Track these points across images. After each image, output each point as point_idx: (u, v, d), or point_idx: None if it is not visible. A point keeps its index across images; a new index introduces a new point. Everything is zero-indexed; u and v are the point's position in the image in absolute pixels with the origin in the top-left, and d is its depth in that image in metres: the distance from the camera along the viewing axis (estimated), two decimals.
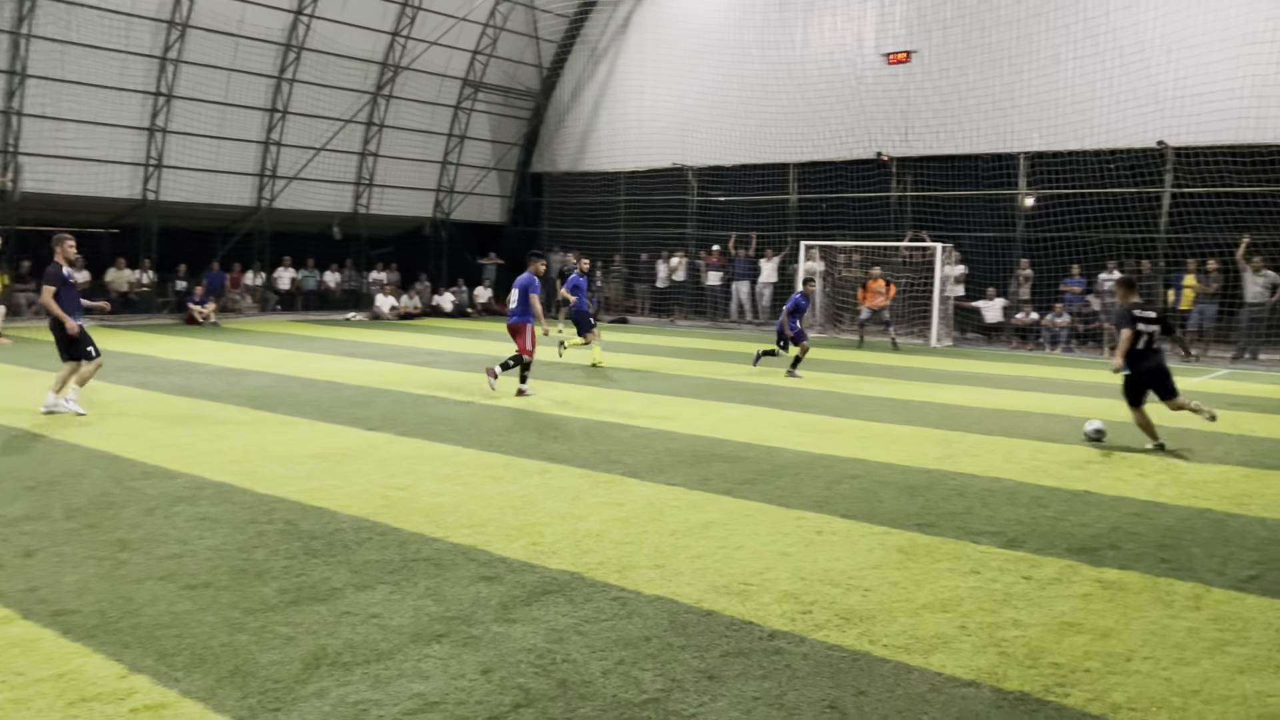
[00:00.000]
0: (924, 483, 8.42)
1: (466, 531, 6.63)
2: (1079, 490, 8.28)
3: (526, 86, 32.12)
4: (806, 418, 11.76)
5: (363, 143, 29.05)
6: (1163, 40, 21.21)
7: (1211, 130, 20.67)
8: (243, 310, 27.04)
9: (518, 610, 5.20)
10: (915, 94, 24.80)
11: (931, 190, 24.68)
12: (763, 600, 5.45)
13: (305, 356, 17.42)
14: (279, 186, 27.34)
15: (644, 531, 6.74)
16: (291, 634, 4.81)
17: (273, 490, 7.64)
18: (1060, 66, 22.62)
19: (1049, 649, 4.84)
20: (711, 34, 28.26)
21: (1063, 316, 22.50)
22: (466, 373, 15.52)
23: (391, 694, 4.19)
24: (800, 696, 4.26)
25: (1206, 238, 20.76)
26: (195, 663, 4.46)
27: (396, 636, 4.81)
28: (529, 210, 33.29)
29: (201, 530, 6.53)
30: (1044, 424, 11.72)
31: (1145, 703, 4.27)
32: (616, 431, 10.51)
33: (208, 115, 25.60)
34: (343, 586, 5.51)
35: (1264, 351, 20.66)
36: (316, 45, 26.69)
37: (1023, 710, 4.19)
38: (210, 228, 27.23)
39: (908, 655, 4.74)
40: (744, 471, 8.68)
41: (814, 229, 26.41)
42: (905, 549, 6.47)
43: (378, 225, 30.41)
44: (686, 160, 28.91)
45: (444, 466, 8.64)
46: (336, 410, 11.52)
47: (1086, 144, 22.33)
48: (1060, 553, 6.46)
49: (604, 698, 4.20)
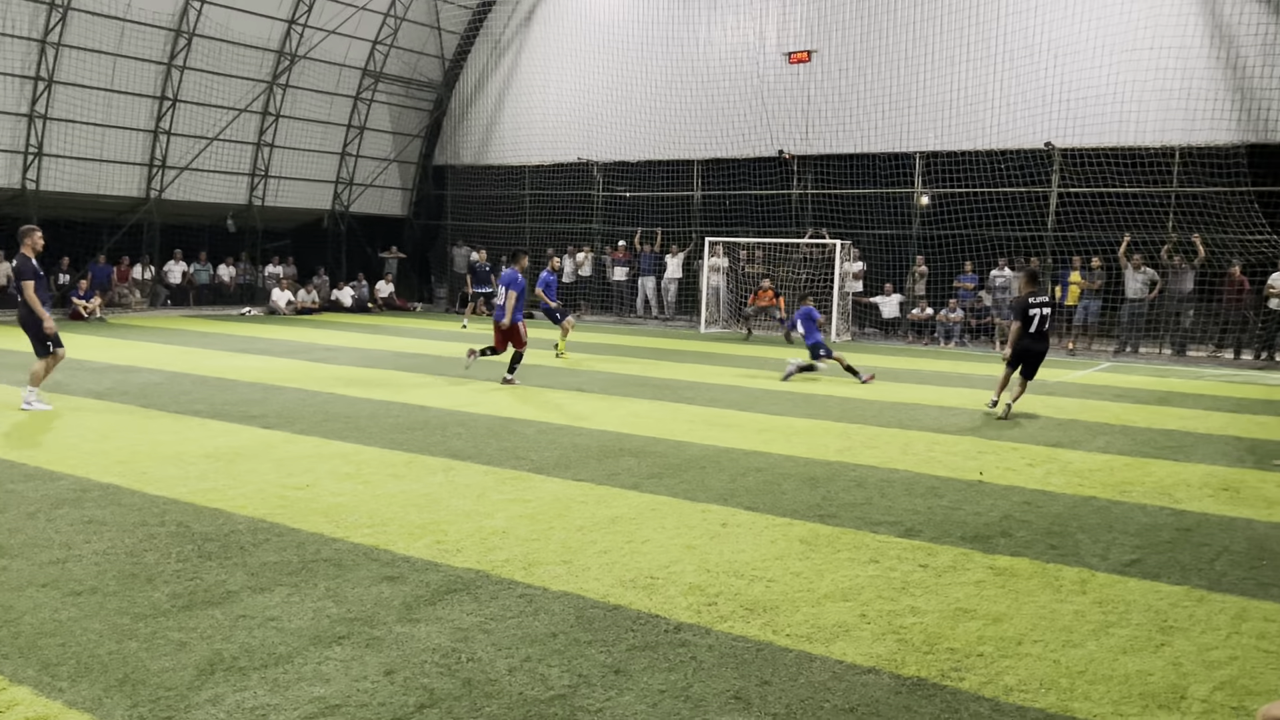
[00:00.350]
0: (825, 474, 8.59)
1: (368, 531, 6.51)
2: (972, 480, 8.54)
3: (428, 78, 31.65)
4: (712, 412, 11.87)
5: (258, 133, 28.24)
6: (1050, 46, 22.02)
7: (1095, 132, 21.57)
8: (131, 305, 26.04)
9: (421, 610, 5.13)
10: (815, 93, 25.24)
11: (831, 188, 25.16)
12: (669, 593, 5.48)
13: (197, 353, 16.87)
14: (170, 177, 26.40)
15: (550, 528, 6.72)
16: (184, 639, 4.65)
17: (164, 491, 7.38)
18: (954, 69, 23.29)
19: (945, 635, 4.99)
20: (616, 30, 28.29)
21: (956, 312, 23.18)
22: (367, 369, 15.23)
23: (291, 698, 4.09)
24: (706, 688, 4.30)
25: (1091, 236, 21.66)
26: (81, 672, 4.28)
27: (296, 639, 4.70)
28: (431, 203, 32.83)
29: (87, 534, 6.27)
30: (939, 416, 12.06)
31: (1035, 684, 4.43)
32: (522, 427, 10.45)
33: (92, 102, 24.54)
34: (239, 589, 5.35)
35: (1144, 345, 21.65)
36: (208, 32, 25.82)
37: (920, 695, 4.31)
38: (96, 219, 26.15)
39: (810, 644, 4.82)
40: (651, 466, 8.72)
41: (718, 225, 26.69)
42: (807, 540, 6.58)
43: (274, 218, 29.61)
44: (592, 155, 28.89)
45: (344, 465, 8.46)
46: (230, 408, 11.19)
47: (979, 144, 23.05)
48: (955, 541, 6.66)
49: (510, 695, 4.17)
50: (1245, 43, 20.10)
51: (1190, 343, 21.23)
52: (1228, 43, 20.33)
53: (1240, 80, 20.24)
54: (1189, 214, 20.74)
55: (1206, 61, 20.47)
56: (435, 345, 19.38)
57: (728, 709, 4.12)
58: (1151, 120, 20.97)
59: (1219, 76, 20.40)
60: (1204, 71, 20.46)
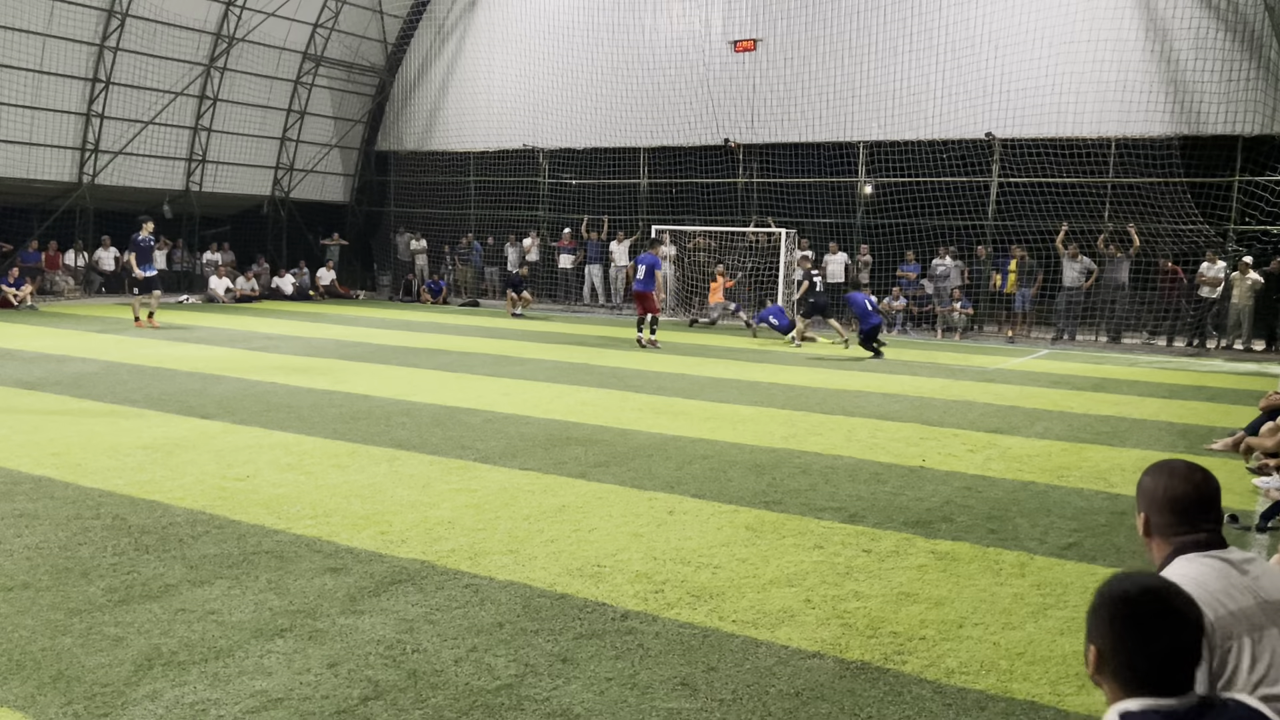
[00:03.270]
0: (770, 461, 8.65)
1: (310, 522, 6.43)
2: (914, 466, 8.67)
3: (371, 62, 31.18)
4: (659, 400, 11.90)
5: (195, 117, 27.61)
6: (990, 37, 22.33)
7: (1034, 123, 21.94)
8: (64, 293, 25.36)
9: (366, 601, 5.07)
10: (761, 82, 25.33)
11: (777, 177, 25.30)
12: (616, 581, 5.49)
13: (133, 342, 16.49)
14: (103, 161, 25.72)
15: (497, 517, 6.69)
16: (121, 634, 4.55)
17: (99, 483, 7.21)
18: (897, 59, 23.51)
19: (888, 619, 5.06)
20: (561, 15, 28.11)
21: (899, 300, 23.47)
22: (309, 358, 15.01)
23: (231, 692, 4.03)
24: (653, 675, 4.32)
25: (1030, 225, 22.05)
26: (13, 669, 4.17)
27: (236, 633, 4.62)
28: (374, 189, 32.40)
29: (18, 528, 6.10)
30: (882, 403, 12.21)
31: (976, 666, 4.51)
32: (468, 417, 10.38)
33: (20, 83, 23.78)
34: (177, 583, 5.25)
35: (1081, 333, 22.12)
36: (142, 12, 25.13)
37: (864, 679, 4.37)
38: (26, 204, 25.39)
39: (755, 630, 4.86)
40: (598, 454, 8.72)
41: (665, 213, 26.69)
42: (753, 526, 6.63)
43: (212, 204, 29.00)
44: (537, 142, 28.71)
45: (285, 455, 8.34)
46: (168, 398, 10.96)
47: (921, 134, 23.32)
48: (898, 526, 6.76)
49: (456, 686, 4.15)
50: (1178, 36, 20.58)
51: (1125, 330, 21.74)
52: (1162, 36, 20.79)
53: (1173, 73, 20.72)
54: (1124, 204, 21.22)
55: (1141, 54, 20.91)
56: (379, 334, 19.16)
57: (675, 695, 4.14)
58: (1088, 112, 21.38)
59: (1153, 69, 20.86)
60: (1139, 64, 20.90)
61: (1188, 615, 2.10)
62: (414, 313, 25.03)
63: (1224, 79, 20.10)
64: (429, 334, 19.43)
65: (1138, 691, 2.10)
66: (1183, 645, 2.09)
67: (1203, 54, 20.33)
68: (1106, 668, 2.15)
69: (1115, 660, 2.12)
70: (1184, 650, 2.09)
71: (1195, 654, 2.11)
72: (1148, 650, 2.09)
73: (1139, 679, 2.10)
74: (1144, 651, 2.09)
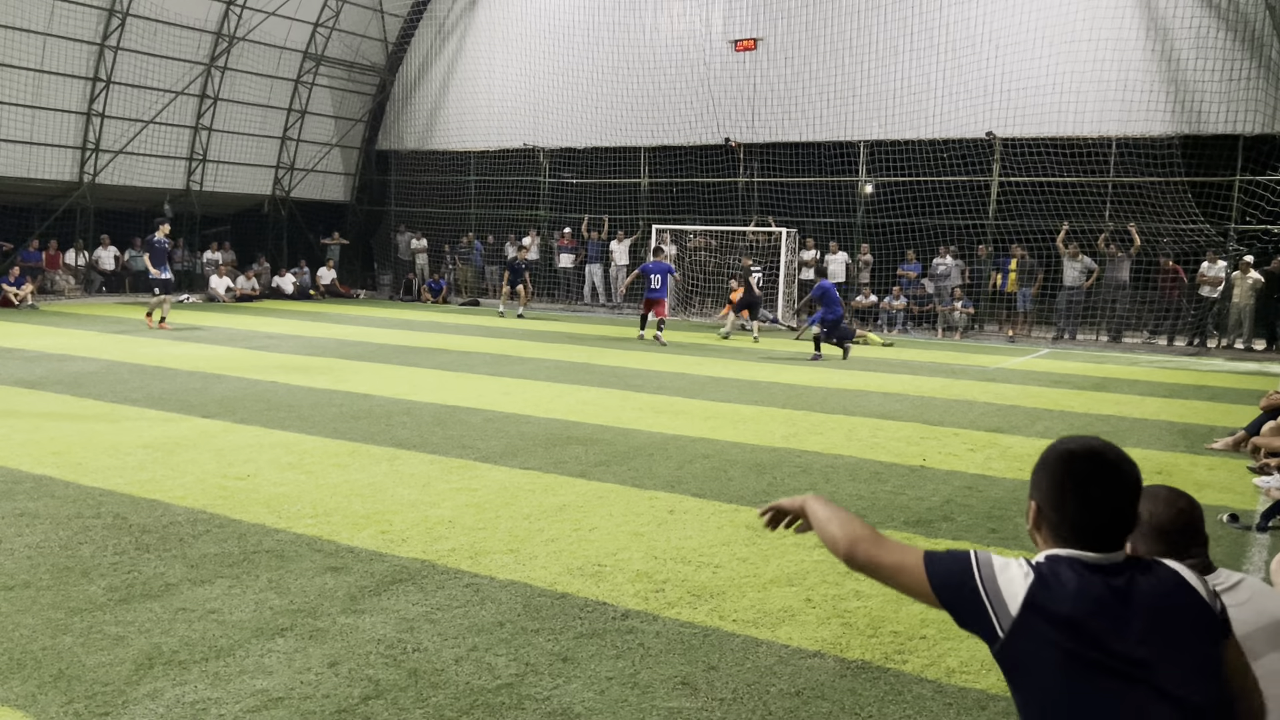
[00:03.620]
0: (771, 461, 8.65)
1: (311, 521, 6.43)
2: (915, 465, 8.66)
3: (371, 61, 31.18)
4: (659, 399, 11.89)
5: (196, 116, 27.61)
6: (991, 36, 22.32)
7: (1035, 122, 21.92)
8: (65, 292, 25.36)
9: (366, 601, 5.07)
10: (761, 82, 25.32)
11: (777, 176, 25.29)
12: (616, 581, 5.48)
13: (134, 341, 16.50)
14: (104, 161, 25.72)
15: (497, 517, 6.69)
16: (122, 634, 4.55)
17: (99, 482, 7.21)
18: (898, 58, 23.50)
19: (889, 618, 5.05)
20: (562, 15, 28.11)
21: (899, 299, 23.47)
22: (310, 357, 15.01)
23: (232, 691, 4.03)
24: (653, 674, 4.32)
25: (1031, 225, 22.04)
26: (13, 668, 4.17)
27: (237, 632, 4.62)
28: (375, 189, 32.40)
29: (19, 527, 6.10)
30: (883, 402, 12.21)
31: (976, 666, 4.51)
32: (468, 416, 10.38)
33: (20, 82, 23.78)
34: (178, 582, 5.25)
35: (1081, 332, 22.11)
36: (143, 11, 25.13)
37: (864, 678, 4.36)
38: (26, 203, 25.39)
39: (756, 629, 4.86)
40: (598, 454, 8.72)
41: (665, 213, 26.69)
42: (754, 525, 6.63)
43: (213, 203, 29.00)
44: (538, 141, 28.70)
45: (286, 455, 8.34)
46: (169, 397, 10.96)
47: (922, 134, 23.31)
48: (898, 525, 6.75)
49: (456, 685, 4.15)
50: (1179, 35, 20.57)
51: (1126, 329, 21.73)
52: (1162, 35, 20.78)
53: (1174, 72, 20.71)
54: (1125, 203, 21.21)
55: (1142, 54, 20.91)
56: (379, 333, 19.15)
57: (675, 694, 4.14)
58: (1089, 111, 21.37)
59: (1154, 69, 20.85)
60: (1140, 64, 20.90)
61: (1127, 476, 2.17)
62: (414, 312, 25.03)
63: (1225, 78, 20.09)
64: (429, 333, 19.44)
65: (1070, 544, 2.17)
66: (1119, 505, 2.17)
67: (1204, 53, 20.32)
68: (1044, 522, 2.23)
69: (1054, 514, 2.19)
70: (1119, 510, 2.17)
71: (1130, 516, 2.18)
72: (1084, 505, 2.16)
73: (1074, 532, 2.17)
74: (1080, 506, 2.16)
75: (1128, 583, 2.12)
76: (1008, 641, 2.11)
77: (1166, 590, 2.14)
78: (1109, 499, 2.16)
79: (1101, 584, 2.10)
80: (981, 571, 2.17)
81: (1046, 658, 2.06)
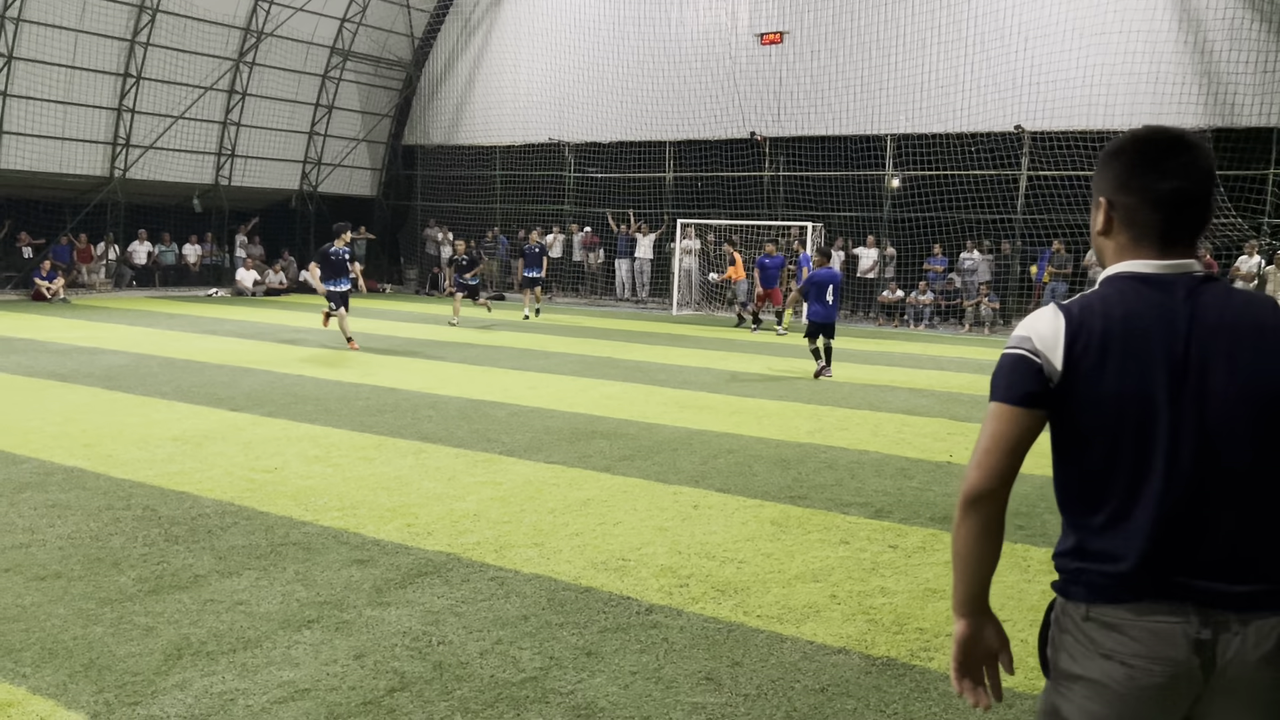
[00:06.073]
0: (796, 456, 8.62)
1: (337, 514, 6.47)
2: (941, 461, 8.61)
3: (398, 56, 31.30)
4: (683, 394, 11.88)
5: (224, 111, 27.83)
6: (1020, 29, 22.10)
7: (1064, 116, 21.70)
8: (95, 286, 25.66)
9: (392, 593, 5.10)
10: (787, 75, 25.20)
11: (803, 170, 25.17)
12: (640, 575, 5.48)
13: (163, 334, 16.66)
14: (134, 156, 25.98)
15: (522, 510, 6.70)
16: (151, 624, 4.60)
17: (129, 475, 7.29)
18: (925, 51, 23.32)
19: (915, 615, 5.02)
20: (587, 9, 28.08)
21: (926, 294, 23.32)
22: (336, 351, 15.11)
23: (259, 682, 4.06)
24: (677, 669, 4.31)
25: (1060, 219, 21.82)
26: (45, 657, 4.22)
27: (264, 624, 4.66)
28: (401, 184, 32.54)
29: (51, 518, 6.18)
30: (909, 398, 12.14)
31: None
32: (493, 410, 10.41)
33: (54, 79, 24.05)
34: (206, 573, 5.30)
35: None
36: (172, 8, 25.36)
37: (889, 675, 4.34)
38: (59, 199, 25.69)
39: (780, 625, 4.85)
40: (622, 448, 8.72)
41: (689, 207, 26.64)
42: (778, 521, 6.61)
43: (241, 198, 29.23)
44: (563, 136, 28.72)
45: (313, 447, 8.40)
46: (197, 390, 11.06)
47: (949, 127, 23.12)
48: (925, 522, 6.71)
49: (481, 678, 4.16)
50: (1212, 27, 20.28)
51: None
52: (1195, 27, 20.50)
53: (1207, 64, 20.42)
54: None
55: (1174, 46, 20.63)
56: (405, 327, 19.25)
57: (699, 690, 4.13)
58: (1120, 104, 21.11)
59: (1186, 60, 20.57)
60: (1171, 55, 20.62)
61: (1202, 158, 2.04)
62: (440, 306, 25.12)
63: (1259, 70, 19.79)
64: (455, 327, 19.51)
65: (1140, 242, 2.06)
66: (1192, 188, 2.04)
67: (1237, 45, 20.03)
68: (1114, 216, 2.09)
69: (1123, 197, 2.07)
70: (1192, 195, 2.04)
71: (1203, 207, 2.06)
72: (1159, 188, 2.03)
73: (1145, 223, 2.05)
74: (1156, 189, 2.03)
75: (1189, 297, 2.00)
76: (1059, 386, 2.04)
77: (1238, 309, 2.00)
78: (1185, 183, 2.02)
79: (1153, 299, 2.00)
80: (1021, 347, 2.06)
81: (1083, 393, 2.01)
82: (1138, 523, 1.99)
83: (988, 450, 2.12)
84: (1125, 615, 1.98)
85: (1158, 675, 1.96)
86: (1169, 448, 1.97)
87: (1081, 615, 2.03)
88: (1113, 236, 2.10)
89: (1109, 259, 2.12)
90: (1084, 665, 2.02)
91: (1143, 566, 1.98)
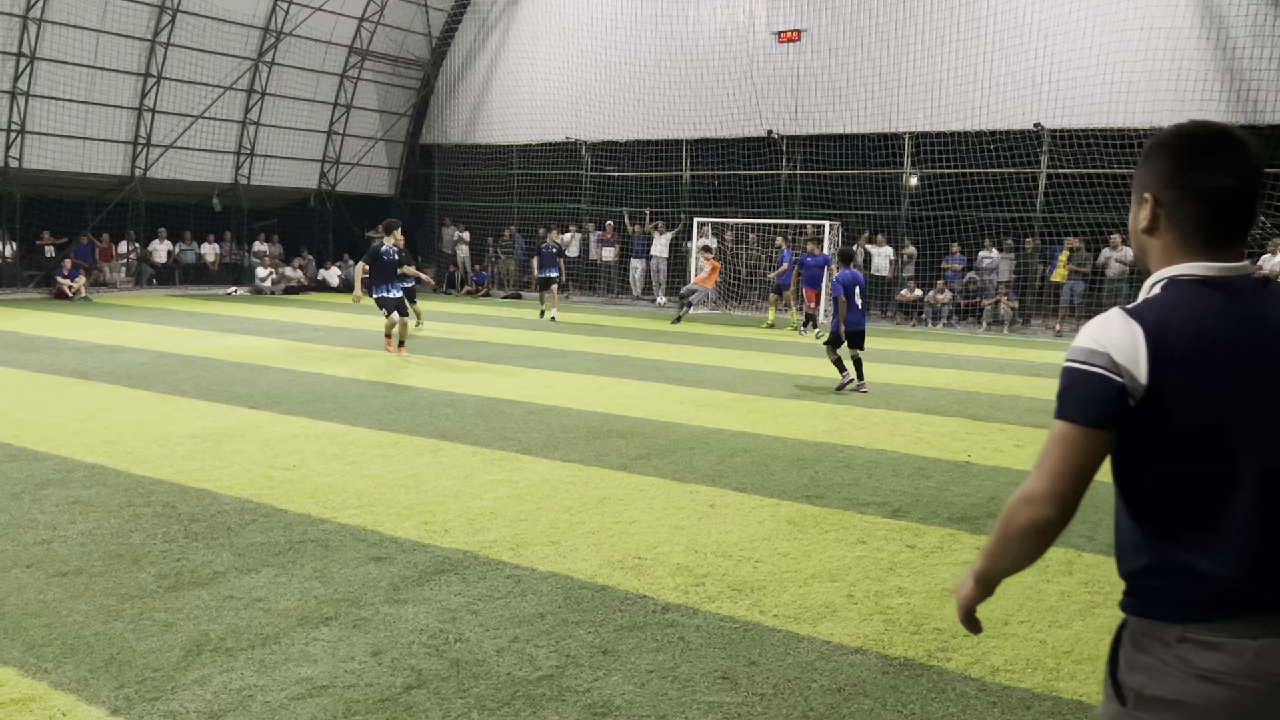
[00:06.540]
0: (813, 455, 8.60)
1: (355, 511, 6.50)
2: (959, 461, 8.57)
3: (415, 56, 31.40)
4: (700, 393, 11.87)
5: (244, 111, 27.99)
6: (1040, 26, 21.96)
7: (1084, 114, 21.54)
8: (116, 284, 25.85)
9: (409, 591, 5.12)
10: (805, 73, 25.13)
11: (820, 169, 25.10)
12: (657, 574, 5.48)
13: (183, 332, 16.78)
14: (154, 155, 26.17)
15: (538, 508, 6.71)
16: (171, 620, 4.64)
17: (150, 472, 7.34)
18: (944, 49, 23.20)
19: (932, 615, 5.00)
20: (604, 7, 28.08)
21: (944, 293, 23.22)
22: (354, 349, 15.17)
23: (278, 679, 4.08)
24: (694, 668, 4.31)
25: (1079, 217, 21.67)
26: (66, 653, 4.26)
27: (283, 620, 4.69)
28: (419, 182, 32.64)
29: (72, 514, 6.24)
30: (927, 397, 12.09)
31: (1021, 664, 4.45)
32: (510, 408, 10.43)
33: (75, 78, 24.25)
34: (225, 570, 5.33)
35: None
36: (192, 8, 25.53)
37: (907, 675, 4.33)
38: (80, 198, 25.90)
39: (797, 624, 4.84)
40: (639, 447, 8.72)
41: (706, 205, 26.61)
42: (795, 520, 6.60)
43: (260, 197, 29.39)
44: (580, 135, 28.73)
45: (331, 445, 8.44)
46: (217, 388, 11.13)
47: (968, 125, 22.99)
48: (942, 522, 6.69)
49: (498, 676, 4.18)
50: (1235, 24, 20.09)
51: None
52: (1217, 24, 20.32)
53: (1229, 61, 20.24)
54: None
55: (1196, 42, 20.45)
56: (423, 325, 19.30)
57: (715, 689, 4.13)
58: (1140, 101, 20.94)
59: (1208, 57, 20.38)
60: (1193, 52, 20.44)
61: (1251, 153, 1.99)
62: (457, 305, 25.19)
63: None
64: (471, 325, 19.56)
65: (1190, 240, 1.99)
66: (1245, 188, 1.98)
67: (1260, 41, 19.84)
68: (1160, 214, 2.03)
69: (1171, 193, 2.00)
70: (1242, 192, 1.98)
71: (1253, 203, 2.00)
72: (1208, 184, 1.97)
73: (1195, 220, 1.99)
74: (1204, 185, 1.97)
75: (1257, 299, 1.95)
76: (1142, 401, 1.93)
77: None
78: (1235, 179, 1.96)
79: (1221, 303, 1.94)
80: (1096, 363, 1.94)
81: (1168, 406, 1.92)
82: (1232, 536, 1.92)
83: (1059, 475, 2.04)
84: (1226, 634, 1.91)
85: (1266, 695, 1.88)
86: (1261, 456, 1.92)
87: (1175, 636, 1.96)
88: (1159, 235, 2.04)
89: (1156, 259, 2.05)
90: (1174, 688, 1.93)
91: (1242, 581, 1.91)
